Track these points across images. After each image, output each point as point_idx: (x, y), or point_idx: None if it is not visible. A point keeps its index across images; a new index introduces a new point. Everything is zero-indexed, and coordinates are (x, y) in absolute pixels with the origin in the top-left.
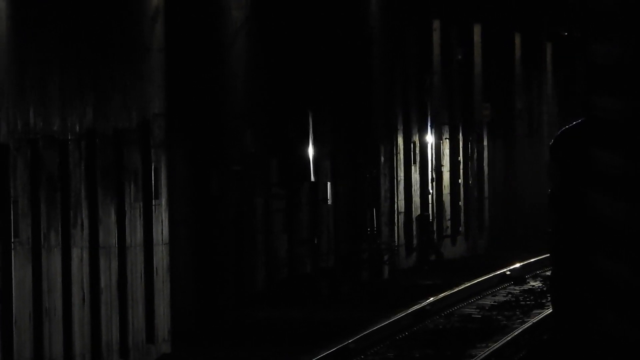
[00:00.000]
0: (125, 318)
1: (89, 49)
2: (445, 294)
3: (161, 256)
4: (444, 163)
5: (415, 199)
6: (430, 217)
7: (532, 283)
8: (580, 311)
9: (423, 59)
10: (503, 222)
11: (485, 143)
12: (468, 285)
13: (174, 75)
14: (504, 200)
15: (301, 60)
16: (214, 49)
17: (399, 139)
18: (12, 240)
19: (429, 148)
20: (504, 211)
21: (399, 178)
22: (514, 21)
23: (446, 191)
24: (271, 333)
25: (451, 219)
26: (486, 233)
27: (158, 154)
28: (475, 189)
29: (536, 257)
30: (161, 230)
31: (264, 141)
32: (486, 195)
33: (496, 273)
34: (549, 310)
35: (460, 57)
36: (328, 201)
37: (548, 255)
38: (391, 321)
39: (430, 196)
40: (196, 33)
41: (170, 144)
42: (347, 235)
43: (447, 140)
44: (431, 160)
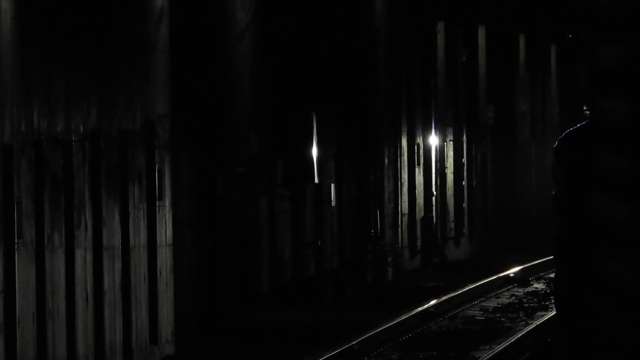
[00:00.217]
0: (128, 319)
1: (93, 50)
2: (448, 296)
3: (165, 257)
4: (448, 165)
5: (419, 201)
6: (434, 219)
7: (536, 285)
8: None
9: (427, 61)
10: (507, 224)
11: (489, 145)
12: (472, 287)
13: (179, 76)
14: (508, 202)
15: (306, 61)
16: (219, 50)
17: (403, 141)
18: (16, 241)
19: (433, 150)
20: (508, 213)
21: (403, 180)
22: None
23: (450, 193)
24: (275, 335)
25: (455, 221)
26: (490, 235)
27: (162, 155)
28: (479, 191)
29: (540, 260)
30: (165, 231)
31: (269, 142)
32: (490, 197)
33: (499, 275)
34: (552, 312)
35: (464, 59)
36: (332, 203)
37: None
38: (395, 323)
39: (434, 198)
40: (201, 34)
41: (174, 145)
42: (351, 237)
43: (451, 142)
44: (435, 162)
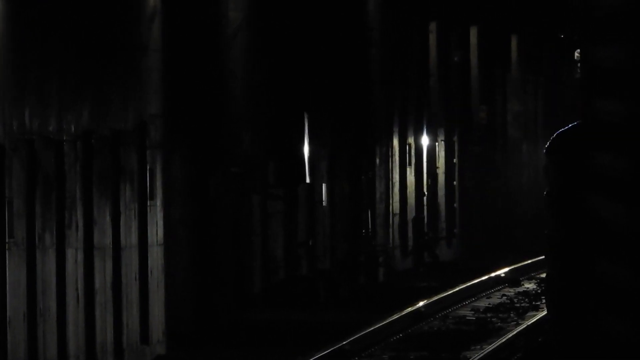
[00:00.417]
0: (119, 319)
1: (86, 50)
2: (440, 296)
3: (156, 257)
4: (440, 165)
5: (410, 201)
6: (425, 219)
7: (527, 285)
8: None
9: (420, 61)
10: (499, 224)
11: (481, 145)
12: (463, 287)
13: (172, 76)
14: (500, 202)
15: (299, 62)
16: (212, 50)
17: (395, 141)
18: (7, 240)
19: (425, 150)
20: (500, 213)
21: (394, 180)
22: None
23: (441, 193)
24: (267, 335)
25: (446, 221)
26: (481, 235)
27: (154, 155)
28: (470, 191)
29: (531, 260)
30: (156, 231)
31: (262, 143)
32: (481, 197)
33: (491, 275)
34: (543, 312)
35: (457, 59)
36: (324, 203)
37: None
38: (386, 323)
39: (425, 198)
40: (194, 34)
41: (167, 145)
42: (343, 237)
43: (443, 142)
44: (426, 162)
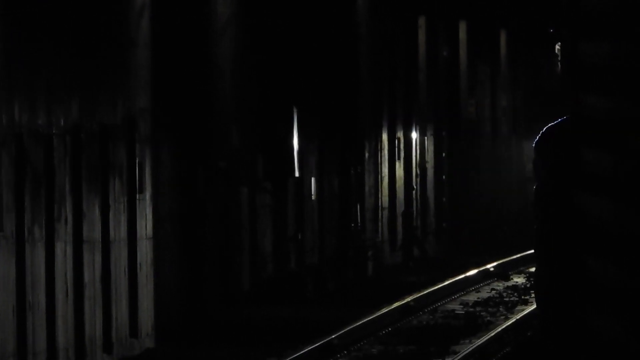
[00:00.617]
0: (108, 313)
1: (75, 44)
2: (429, 290)
3: (145, 251)
4: (428, 159)
5: (399, 195)
6: (414, 214)
7: (516, 279)
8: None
9: (409, 56)
10: (488, 219)
11: (469, 140)
12: (452, 281)
13: (160, 71)
14: (489, 196)
15: (288, 56)
16: (201, 45)
17: (384, 135)
18: None
19: (414, 144)
20: (489, 207)
21: (383, 174)
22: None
23: (430, 187)
24: (255, 329)
25: (435, 216)
26: (470, 229)
27: (143, 149)
28: (459, 186)
29: (519, 254)
30: (145, 225)
31: (250, 137)
32: (470, 191)
33: (480, 269)
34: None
35: (445, 54)
36: (313, 197)
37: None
38: (375, 317)
39: (414, 192)
40: (183, 29)
41: (156, 140)
42: (332, 231)
43: (432, 136)
44: (415, 156)
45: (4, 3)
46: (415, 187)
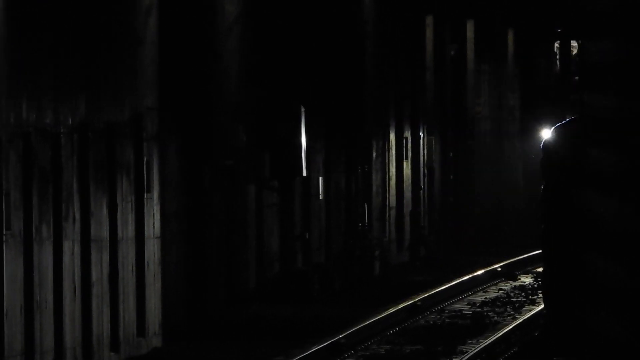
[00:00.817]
0: (116, 311)
1: (83, 42)
2: (436, 290)
3: (153, 250)
4: (436, 159)
5: (406, 195)
6: (421, 213)
7: (524, 280)
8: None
9: (416, 55)
10: (494, 218)
11: (476, 138)
12: (459, 281)
13: (167, 69)
14: (496, 195)
15: (294, 55)
16: (207, 44)
17: (391, 135)
18: (4, 232)
19: (421, 144)
20: (496, 207)
21: (391, 173)
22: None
23: (437, 186)
24: (262, 328)
25: (442, 215)
26: (477, 228)
27: (150, 148)
28: (466, 185)
29: (526, 254)
30: (153, 224)
31: (257, 135)
32: (477, 190)
33: (487, 269)
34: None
35: (453, 53)
36: (320, 196)
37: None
38: (382, 317)
39: (421, 192)
40: (189, 27)
41: (162, 138)
42: (339, 230)
43: (439, 135)
44: (423, 155)
45: (11, 2)
46: (422, 187)
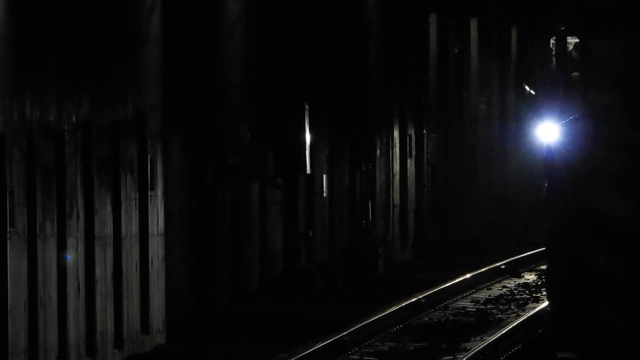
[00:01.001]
0: (120, 309)
1: (86, 40)
2: (439, 288)
3: (156, 247)
4: (439, 156)
5: (410, 192)
6: (425, 211)
7: (527, 277)
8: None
9: (419, 53)
10: (498, 215)
11: (480, 136)
12: (462, 279)
13: (171, 66)
14: (499, 193)
15: (298, 52)
16: (211, 41)
17: (395, 132)
18: (8, 230)
19: (425, 141)
20: (499, 205)
21: (395, 171)
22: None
23: (441, 184)
24: (265, 326)
25: (446, 213)
26: (480, 226)
27: (154, 145)
28: (470, 183)
29: (530, 252)
30: (157, 221)
31: (260, 133)
32: (481, 188)
33: (491, 267)
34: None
35: (456, 51)
36: (324, 194)
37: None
38: (386, 314)
39: (425, 189)
40: (193, 25)
41: (166, 136)
42: (342, 228)
43: (443, 133)
44: (427, 153)
45: (16, 1)
46: (426, 185)
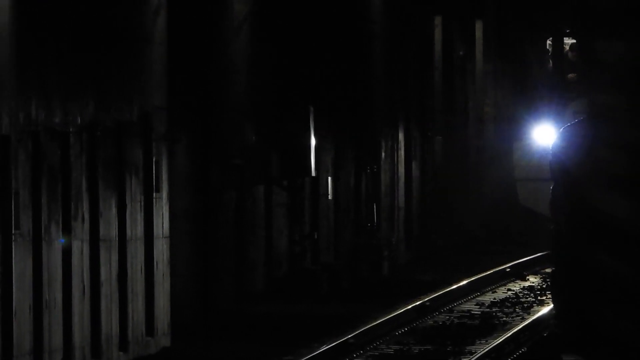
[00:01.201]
0: (125, 311)
1: (92, 42)
2: (444, 291)
3: (161, 249)
4: (445, 159)
5: (415, 195)
6: (430, 213)
7: (533, 280)
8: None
9: (424, 55)
10: (503, 217)
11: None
12: (467, 281)
13: (176, 68)
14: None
15: (303, 54)
16: (216, 43)
17: (400, 135)
18: (13, 232)
19: (430, 144)
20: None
21: (400, 173)
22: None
23: (446, 186)
24: (270, 327)
25: (451, 215)
26: (486, 229)
27: (159, 147)
28: (476, 184)
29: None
30: (162, 223)
31: (266, 135)
32: (487, 190)
33: (496, 269)
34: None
35: (461, 53)
36: (329, 196)
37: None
38: (391, 317)
39: (430, 191)
40: (198, 26)
41: (171, 137)
42: (347, 230)
43: (448, 135)
44: (431, 155)
45: (20, 1)
46: (431, 187)
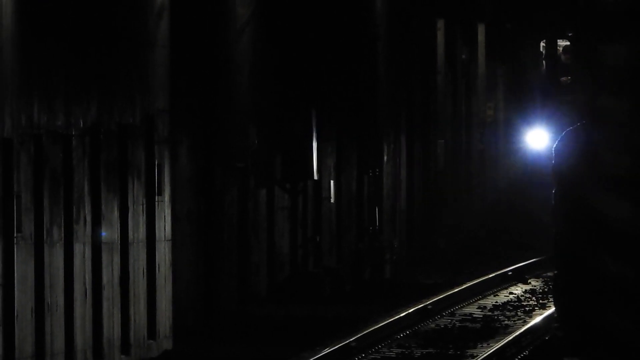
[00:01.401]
0: (127, 314)
1: (94, 45)
2: (446, 294)
3: (164, 252)
4: (447, 162)
5: (417, 198)
6: (432, 216)
7: (535, 283)
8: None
9: (427, 58)
10: (506, 220)
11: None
12: (469, 285)
13: (178, 71)
14: (507, 198)
15: (306, 57)
16: (219, 46)
17: (402, 138)
18: (15, 235)
19: (432, 147)
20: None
21: (402, 177)
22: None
23: (448, 189)
24: (273, 330)
25: (453, 218)
26: (488, 231)
27: (162, 150)
28: (477, 187)
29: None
30: (164, 226)
31: (268, 138)
32: (488, 193)
33: (498, 272)
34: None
35: (464, 57)
36: (331, 199)
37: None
38: (393, 320)
39: (433, 195)
40: (201, 29)
41: (174, 140)
42: (350, 233)
43: (450, 138)
44: (434, 159)
45: (23, 4)
46: (434, 190)
